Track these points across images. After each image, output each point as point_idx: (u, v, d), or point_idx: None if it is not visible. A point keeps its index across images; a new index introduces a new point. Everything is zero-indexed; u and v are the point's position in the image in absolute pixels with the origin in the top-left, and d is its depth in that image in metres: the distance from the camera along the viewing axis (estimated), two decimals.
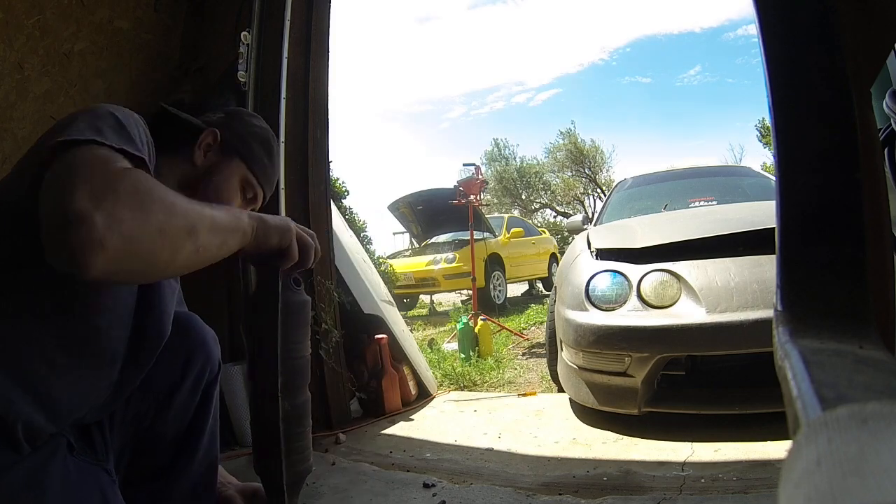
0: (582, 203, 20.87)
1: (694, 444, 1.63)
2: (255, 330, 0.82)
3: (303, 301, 0.84)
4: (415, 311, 7.81)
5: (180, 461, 0.90)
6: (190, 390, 0.91)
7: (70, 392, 0.71)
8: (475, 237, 4.66)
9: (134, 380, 0.82)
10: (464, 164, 4.45)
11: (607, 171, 20.58)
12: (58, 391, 0.69)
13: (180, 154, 0.90)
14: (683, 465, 1.51)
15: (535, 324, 5.13)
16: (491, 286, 6.59)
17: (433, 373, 2.85)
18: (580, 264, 2.07)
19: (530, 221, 12.66)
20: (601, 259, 2.03)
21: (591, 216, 4.56)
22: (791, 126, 0.43)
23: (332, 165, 2.42)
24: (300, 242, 0.81)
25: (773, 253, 0.42)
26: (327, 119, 2.26)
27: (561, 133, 21.24)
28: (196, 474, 0.91)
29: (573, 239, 2.73)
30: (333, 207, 2.37)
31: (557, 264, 7.36)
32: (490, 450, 1.81)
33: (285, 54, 2.09)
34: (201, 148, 0.92)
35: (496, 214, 11.29)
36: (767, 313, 1.46)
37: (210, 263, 0.67)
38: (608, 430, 1.86)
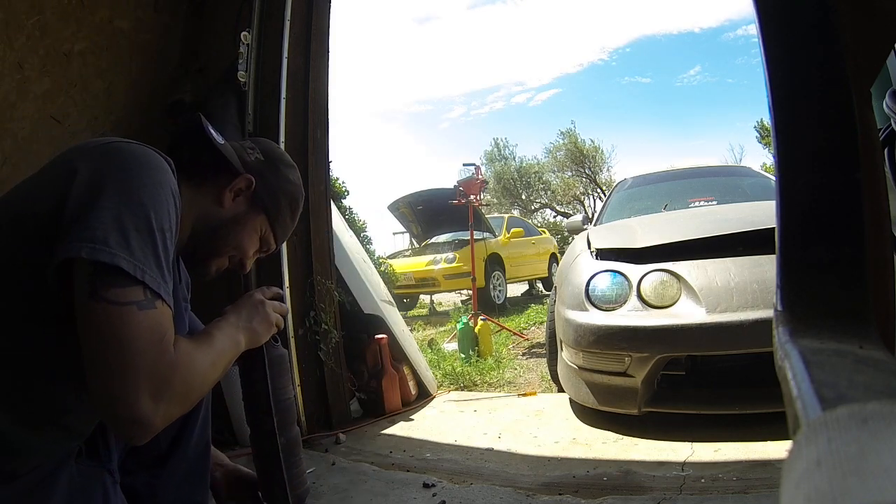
0: (582, 203, 20.87)
1: (694, 444, 1.63)
2: (249, 382, 0.95)
3: (282, 354, 0.98)
4: (415, 311, 7.81)
5: (175, 449, 0.92)
6: None
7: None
8: (475, 237, 4.66)
9: None
10: (464, 164, 4.45)
11: (607, 171, 20.59)
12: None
13: (207, 187, 0.87)
14: (683, 465, 1.51)
15: (535, 324, 5.13)
16: (491, 286, 6.59)
17: (433, 373, 2.85)
18: (580, 264, 2.07)
19: (530, 221, 12.65)
20: (601, 259, 2.03)
21: (591, 216, 4.56)
22: (791, 126, 0.43)
23: (332, 165, 2.42)
24: (276, 313, 0.91)
25: (773, 253, 0.42)
26: (327, 119, 2.26)
27: (561, 133, 21.26)
28: (190, 461, 0.94)
29: (573, 239, 2.73)
30: (333, 207, 2.37)
31: (557, 264, 7.36)
32: (490, 450, 1.82)
33: (285, 54, 2.10)
34: (232, 192, 0.88)
35: (496, 214, 11.29)
36: (767, 313, 1.46)
37: None
38: (608, 430, 1.86)
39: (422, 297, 8.04)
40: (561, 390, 2.25)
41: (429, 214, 7.28)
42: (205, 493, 0.97)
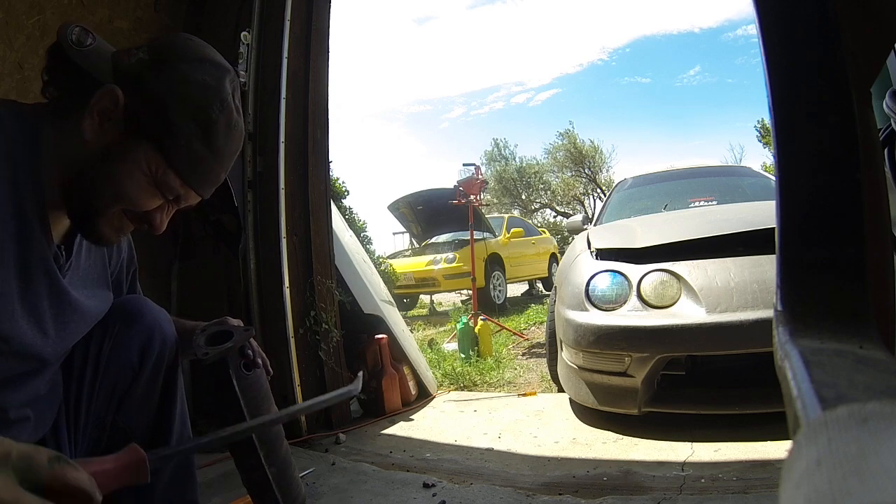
0: (582, 203, 20.88)
1: (694, 444, 1.63)
2: (226, 419, 0.87)
3: (256, 379, 0.88)
4: (415, 311, 7.81)
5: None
6: (150, 378, 0.84)
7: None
8: (475, 237, 4.66)
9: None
10: (464, 164, 4.45)
11: (607, 171, 20.62)
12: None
13: (72, 119, 0.63)
14: (683, 465, 1.51)
15: (535, 324, 5.13)
16: (491, 286, 6.59)
17: (433, 373, 2.85)
18: (580, 264, 2.07)
19: (530, 221, 12.65)
20: (601, 259, 2.03)
21: (591, 216, 4.56)
22: (791, 126, 0.43)
23: (332, 165, 2.42)
24: None
25: (773, 253, 0.42)
26: (327, 119, 2.26)
27: (560, 133, 21.29)
28: (174, 461, 0.88)
29: (573, 239, 2.72)
30: (333, 207, 2.37)
31: (557, 264, 7.36)
32: (490, 450, 1.81)
33: (285, 54, 2.09)
34: (95, 115, 0.62)
35: (496, 214, 11.29)
36: (767, 313, 1.46)
37: None
38: (608, 430, 1.86)
39: (422, 297, 8.04)
40: (561, 390, 2.25)
41: (429, 214, 7.28)
42: (196, 491, 0.92)
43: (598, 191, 20.11)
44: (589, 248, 2.14)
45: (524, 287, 9.23)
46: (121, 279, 0.92)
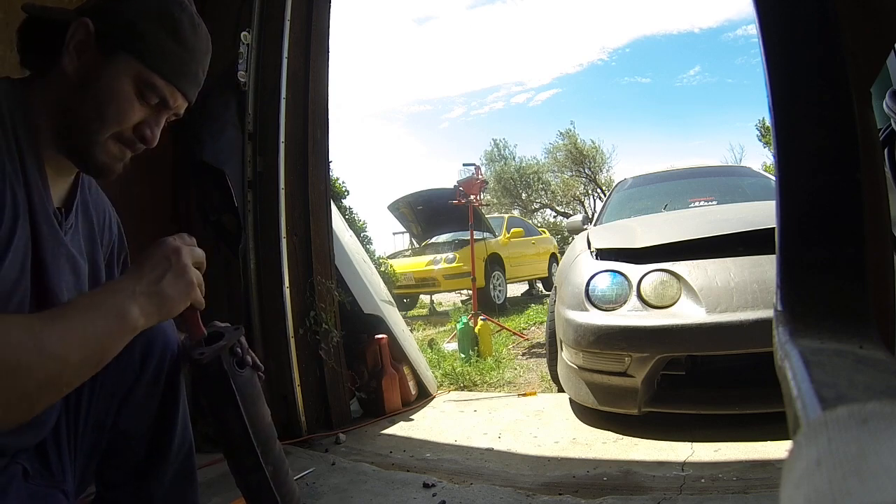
0: (582, 203, 20.89)
1: (694, 444, 1.63)
2: (221, 420, 0.87)
3: (249, 379, 0.88)
4: (415, 311, 7.80)
5: (157, 455, 0.85)
6: (151, 382, 0.84)
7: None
8: (475, 237, 4.66)
9: None
10: (464, 164, 4.45)
11: (607, 171, 20.62)
12: None
13: (51, 69, 0.69)
14: (683, 465, 1.51)
15: (535, 324, 5.13)
16: (491, 286, 6.58)
17: (433, 373, 2.85)
18: (580, 264, 2.07)
19: (530, 221, 12.65)
20: (601, 259, 2.03)
21: (591, 216, 4.56)
22: (791, 126, 0.43)
23: (332, 165, 2.42)
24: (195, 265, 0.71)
25: (773, 253, 0.42)
26: (327, 119, 2.26)
27: (560, 133, 21.29)
28: (175, 464, 0.87)
29: (573, 239, 2.73)
30: (333, 207, 2.37)
31: (557, 264, 7.36)
32: (490, 450, 1.82)
33: (285, 54, 2.09)
34: (71, 49, 0.67)
35: (496, 214, 11.28)
36: (767, 313, 1.46)
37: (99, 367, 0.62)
38: (608, 430, 1.86)
39: (422, 297, 8.04)
40: (561, 390, 2.25)
41: (429, 214, 7.28)
42: (197, 491, 0.92)
43: (598, 191, 20.11)
44: (589, 248, 2.14)
45: (524, 287, 9.23)
46: (112, 262, 0.91)
